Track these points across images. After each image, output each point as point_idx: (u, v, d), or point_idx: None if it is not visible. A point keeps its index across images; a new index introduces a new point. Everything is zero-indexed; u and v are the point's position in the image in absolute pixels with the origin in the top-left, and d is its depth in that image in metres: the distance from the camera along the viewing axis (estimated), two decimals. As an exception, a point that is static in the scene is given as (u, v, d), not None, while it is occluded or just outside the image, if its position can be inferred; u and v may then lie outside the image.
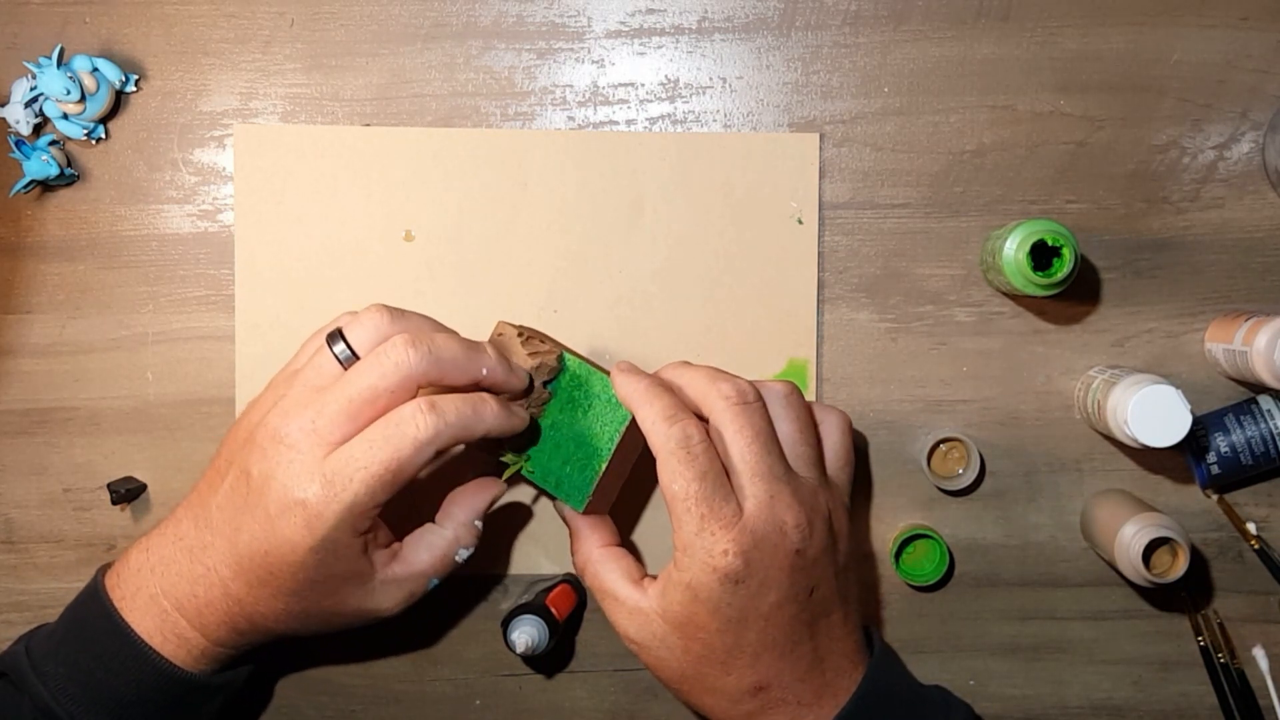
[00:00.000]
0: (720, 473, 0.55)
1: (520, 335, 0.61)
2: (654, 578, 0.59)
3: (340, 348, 0.56)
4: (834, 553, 0.58)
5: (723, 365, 0.67)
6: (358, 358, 0.56)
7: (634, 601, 0.58)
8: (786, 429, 0.59)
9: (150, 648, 0.57)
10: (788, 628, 0.56)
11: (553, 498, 0.63)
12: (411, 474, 0.55)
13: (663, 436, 0.55)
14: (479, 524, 0.62)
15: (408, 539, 0.61)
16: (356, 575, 0.57)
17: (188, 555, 0.57)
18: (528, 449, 0.63)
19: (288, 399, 0.56)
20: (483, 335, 0.67)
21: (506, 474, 0.63)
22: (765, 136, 0.69)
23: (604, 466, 0.61)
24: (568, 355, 0.62)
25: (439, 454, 0.55)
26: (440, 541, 0.61)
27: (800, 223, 0.69)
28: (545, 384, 0.62)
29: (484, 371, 0.58)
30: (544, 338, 0.63)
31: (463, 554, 0.61)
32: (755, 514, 0.55)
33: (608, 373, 0.61)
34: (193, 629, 0.58)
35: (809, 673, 0.57)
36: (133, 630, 0.57)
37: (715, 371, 0.60)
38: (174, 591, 0.58)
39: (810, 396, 0.69)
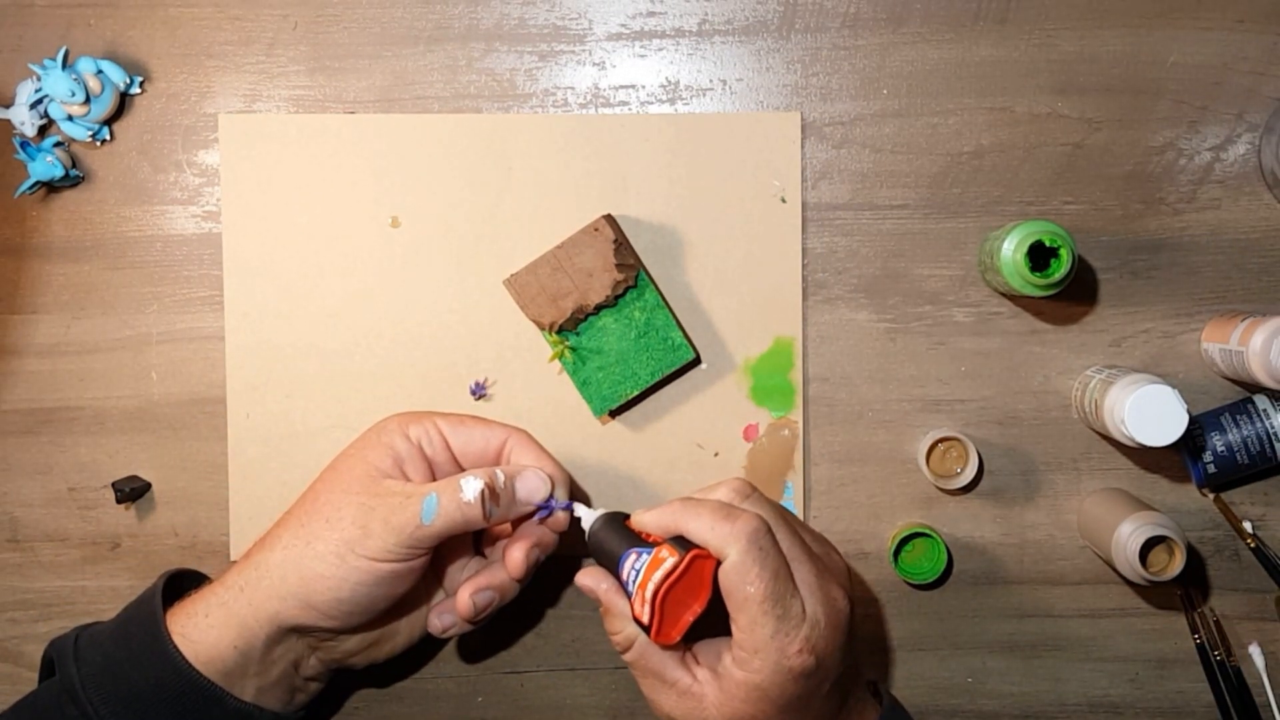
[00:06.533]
0: (786, 566, 0.53)
1: (615, 242, 0.65)
2: (692, 655, 0.57)
3: None
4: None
5: (709, 345, 0.69)
6: None
7: (684, 685, 0.55)
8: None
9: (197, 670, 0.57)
10: (829, 696, 0.56)
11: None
12: None
13: (728, 535, 0.52)
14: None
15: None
16: None
17: None
18: (572, 340, 0.67)
19: None
20: (468, 317, 0.69)
21: (551, 357, 0.67)
22: (747, 116, 0.70)
23: (635, 393, 0.67)
24: (645, 278, 0.67)
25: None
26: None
27: (784, 201, 0.70)
28: (616, 297, 0.66)
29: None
30: (633, 253, 0.67)
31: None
32: (813, 602, 0.53)
33: (677, 319, 0.67)
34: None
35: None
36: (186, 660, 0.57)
37: (689, 500, 0.56)
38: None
39: (796, 374, 0.70)
